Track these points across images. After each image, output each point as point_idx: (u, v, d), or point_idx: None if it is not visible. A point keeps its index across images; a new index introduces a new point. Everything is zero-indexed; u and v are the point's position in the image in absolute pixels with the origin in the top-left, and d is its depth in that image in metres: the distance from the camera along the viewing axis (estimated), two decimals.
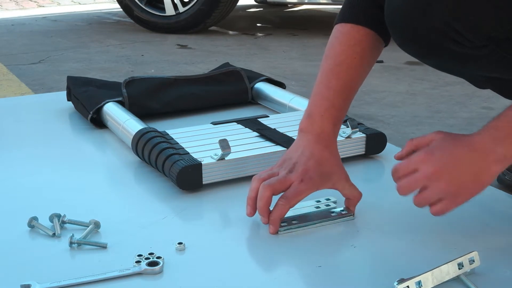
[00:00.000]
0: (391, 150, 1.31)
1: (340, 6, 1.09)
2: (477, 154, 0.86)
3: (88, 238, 0.95)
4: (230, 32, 3.32)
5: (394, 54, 2.60)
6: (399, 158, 0.94)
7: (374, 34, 1.04)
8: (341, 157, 1.25)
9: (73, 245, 0.93)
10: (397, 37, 1.00)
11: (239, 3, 3.28)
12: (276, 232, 0.97)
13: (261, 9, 4.16)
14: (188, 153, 1.17)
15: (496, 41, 0.95)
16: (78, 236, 0.94)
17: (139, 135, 1.25)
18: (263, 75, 1.70)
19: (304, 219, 1.00)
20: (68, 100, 1.60)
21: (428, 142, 0.91)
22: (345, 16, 1.05)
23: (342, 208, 1.03)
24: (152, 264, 0.87)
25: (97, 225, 0.97)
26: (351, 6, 1.05)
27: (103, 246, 0.93)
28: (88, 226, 0.97)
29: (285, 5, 4.16)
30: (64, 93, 1.62)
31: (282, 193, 0.97)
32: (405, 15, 0.96)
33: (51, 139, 1.42)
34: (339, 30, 1.05)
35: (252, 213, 0.98)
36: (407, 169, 0.89)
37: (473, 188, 0.88)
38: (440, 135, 0.91)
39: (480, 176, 0.87)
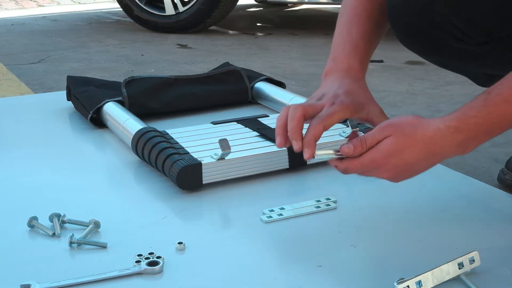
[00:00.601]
0: None
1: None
2: (435, 157, 0.84)
3: (88, 238, 0.95)
4: (230, 32, 3.32)
5: (394, 54, 2.60)
6: (348, 154, 0.86)
7: None
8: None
9: (73, 245, 0.93)
10: (398, 34, 1.00)
11: (239, 3, 3.28)
12: (313, 156, 0.86)
13: (261, 8, 4.16)
14: (188, 152, 1.17)
15: (497, 39, 0.94)
16: (78, 236, 0.94)
17: (139, 135, 1.24)
18: (263, 75, 1.70)
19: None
20: (68, 100, 1.60)
21: (381, 139, 0.84)
22: None
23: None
24: (152, 264, 0.87)
25: (97, 225, 0.97)
26: None
27: (103, 246, 0.93)
28: (88, 226, 0.97)
29: (285, 4, 4.16)
30: (64, 93, 1.62)
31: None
32: (405, 12, 0.96)
33: (51, 139, 1.42)
34: None
35: (282, 142, 0.87)
36: (359, 171, 0.86)
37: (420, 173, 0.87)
38: (392, 131, 0.83)
39: (432, 166, 0.86)
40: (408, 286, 0.78)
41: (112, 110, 1.43)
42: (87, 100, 1.50)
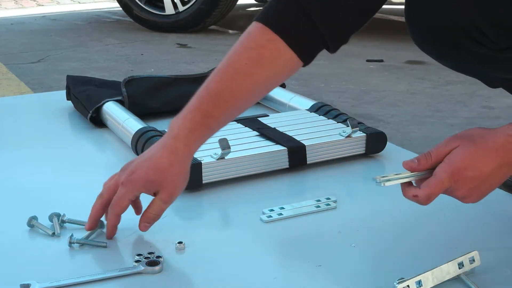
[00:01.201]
0: (391, 149, 1.31)
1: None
2: (508, 167, 0.81)
3: (92, 237, 0.94)
4: (230, 31, 3.31)
5: (394, 53, 2.60)
6: (413, 169, 0.83)
7: (284, 45, 0.90)
8: (341, 156, 1.25)
9: (72, 244, 0.93)
10: (418, 36, 0.97)
11: (239, 2, 3.27)
12: (111, 237, 0.94)
13: (261, 8, 4.16)
14: None
15: None
16: (77, 235, 0.94)
17: (139, 134, 1.24)
18: None
19: None
20: (68, 99, 1.60)
21: (448, 151, 0.81)
22: (261, 16, 0.93)
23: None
24: (152, 263, 0.87)
25: (101, 225, 0.97)
26: (274, 8, 0.92)
27: (103, 246, 0.93)
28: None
29: None
30: (64, 92, 1.62)
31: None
32: (428, 14, 0.93)
33: (51, 138, 1.42)
34: (248, 29, 0.93)
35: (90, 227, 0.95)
36: (438, 193, 0.82)
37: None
38: (460, 142, 0.81)
39: (504, 180, 0.83)
40: (408, 285, 0.78)
41: (112, 109, 1.43)
42: (86, 99, 1.50)
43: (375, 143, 1.29)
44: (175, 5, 3.15)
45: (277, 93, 1.59)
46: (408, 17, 0.97)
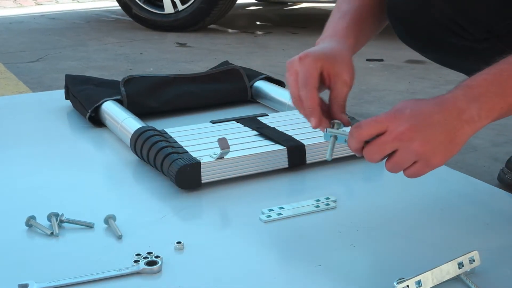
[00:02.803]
0: None
1: None
2: (449, 113, 0.79)
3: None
4: (230, 30, 3.31)
5: (394, 53, 2.60)
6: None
7: None
8: (340, 156, 1.25)
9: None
10: (399, 32, 1.00)
11: (238, 1, 3.27)
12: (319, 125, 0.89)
13: (261, 7, 4.16)
14: (187, 152, 1.16)
15: (497, 35, 0.94)
16: (78, 235, 0.93)
17: (138, 134, 1.24)
18: (263, 74, 1.69)
19: None
20: (66, 98, 1.59)
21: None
22: None
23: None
24: (151, 263, 0.87)
25: (112, 219, 0.98)
26: None
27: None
28: (85, 226, 0.97)
29: (285, 3, 4.16)
30: (62, 91, 1.62)
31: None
32: (405, 9, 0.95)
33: (49, 138, 1.42)
34: None
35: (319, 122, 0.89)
36: (372, 128, 0.81)
37: (447, 149, 0.80)
38: (404, 100, 0.83)
39: (454, 136, 0.80)
40: (407, 285, 0.78)
41: (111, 109, 1.43)
42: (85, 99, 1.50)
43: None
44: (174, 4, 3.15)
45: (277, 93, 1.59)
46: (389, 13, 0.98)
